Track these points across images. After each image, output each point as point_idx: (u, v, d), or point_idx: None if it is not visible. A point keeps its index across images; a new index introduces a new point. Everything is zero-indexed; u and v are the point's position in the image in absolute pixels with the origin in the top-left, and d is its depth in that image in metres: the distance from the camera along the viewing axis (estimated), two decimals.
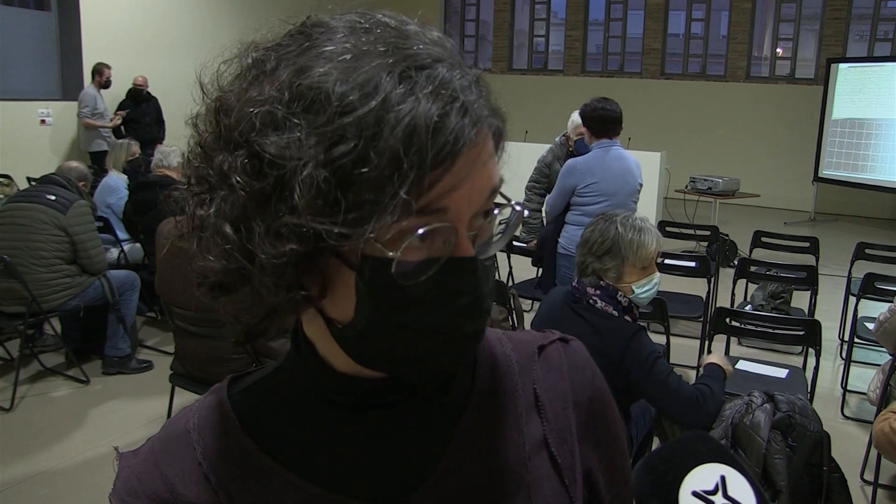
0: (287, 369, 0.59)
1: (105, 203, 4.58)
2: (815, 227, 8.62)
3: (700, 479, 0.49)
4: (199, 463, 0.56)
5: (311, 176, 0.43)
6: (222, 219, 0.47)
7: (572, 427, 0.61)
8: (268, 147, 0.44)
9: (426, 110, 0.43)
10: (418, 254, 0.47)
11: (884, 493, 2.85)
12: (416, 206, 0.44)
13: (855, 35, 9.78)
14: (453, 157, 0.44)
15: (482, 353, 0.62)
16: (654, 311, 3.02)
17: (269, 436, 0.56)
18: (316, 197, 0.43)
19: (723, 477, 0.49)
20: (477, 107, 0.47)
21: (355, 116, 0.43)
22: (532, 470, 0.58)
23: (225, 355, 2.64)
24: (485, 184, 0.48)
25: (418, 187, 0.43)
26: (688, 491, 0.49)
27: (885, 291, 3.63)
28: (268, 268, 0.46)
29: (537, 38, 11.85)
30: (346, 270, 0.47)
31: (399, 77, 0.44)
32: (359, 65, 0.44)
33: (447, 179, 0.45)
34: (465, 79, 0.47)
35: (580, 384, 0.63)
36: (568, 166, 3.51)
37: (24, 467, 2.89)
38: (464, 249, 0.48)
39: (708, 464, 0.50)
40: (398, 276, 0.46)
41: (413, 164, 0.43)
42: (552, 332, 0.66)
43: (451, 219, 0.47)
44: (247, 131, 0.45)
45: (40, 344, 4.05)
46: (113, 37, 7.60)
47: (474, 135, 0.46)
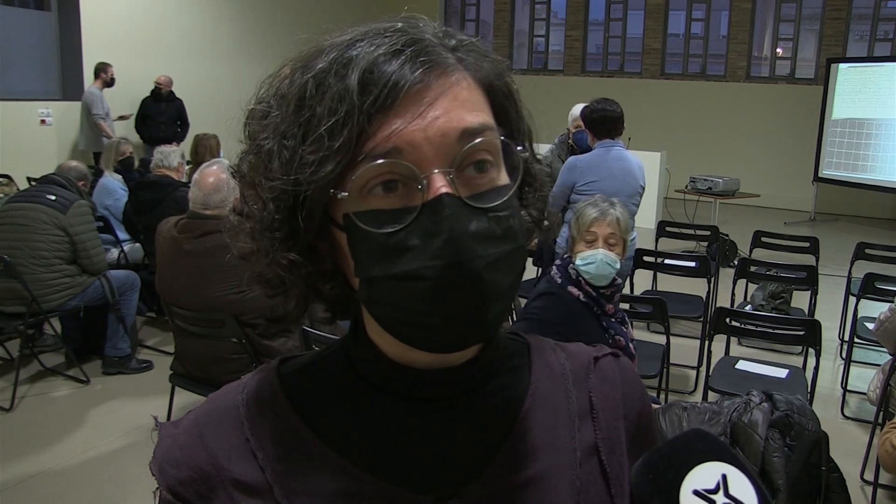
0: (341, 352, 0.60)
1: (102, 205, 4.56)
2: (815, 227, 8.61)
3: (701, 478, 0.49)
4: (246, 439, 0.55)
5: (277, 146, 0.50)
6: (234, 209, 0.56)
7: (622, 438, 0.61)
8: (253, 135, 0.53)
9: (365, 60, 0.48)
10: (387, 202, 0.49)
11: (884, 493, 2.85)
12: (357, 150, 0.47)
13: (855, 35, 9.77)
14: (393, 98, 0.47)
15: (536, 359, 0.63)
16: (654, 311, 3.02)
17: (319, 418, 0.56)
18: (279, 162, 0.50)
19: (724, 476, 0.49)
20: (436, 54, 0.49)
21: (300, 86, 0.50)
22: (582, 475, 0.58)
23: (225, 355, 2.64)
24: (445, 125, 0.48)
25: (362, 133, 0.48)
26: (689, 490, 0.49)
27: (885, 291, 3.63)
28: (259, 237, 0.53)
29: (537, 38, 11.84)
30: (342, 236, 0.52)
31: (345, 46, 0.50)
32: (316, 49, 0.51)
33: (393, 121, 0.48)
34: (434, 38, 0.51)
35: (631, 398, 0.63)
36: (569, 163, 3.51)
37: (24, 467, 2.89)
38: (434, 189, 0.48)
39: (709, 462, 0.50)
40: (361, 220, 0.49)
41: (351, 113, 0.47)
42: (603, 347, 0.67)
43: (412, 160, 0.48)
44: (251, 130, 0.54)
45: (40, 344, 4.05)
46: (113, 37, 7.59)
47: (418, 76, 0.48)
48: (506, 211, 0.51)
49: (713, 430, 1.91)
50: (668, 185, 8.09)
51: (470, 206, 0.49)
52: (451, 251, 0.47)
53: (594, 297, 2.13)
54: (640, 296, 3.62)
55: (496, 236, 0.50)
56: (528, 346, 0.64)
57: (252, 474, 0.54)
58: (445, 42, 0.52)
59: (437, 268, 0.47)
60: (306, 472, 0.54)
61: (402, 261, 0.48)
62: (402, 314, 0.50)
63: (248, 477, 0.54)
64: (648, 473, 0.51)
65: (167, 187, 4.16)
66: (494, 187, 0.51)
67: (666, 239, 4.96)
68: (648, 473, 0.51)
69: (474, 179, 0.50)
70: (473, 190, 0.50)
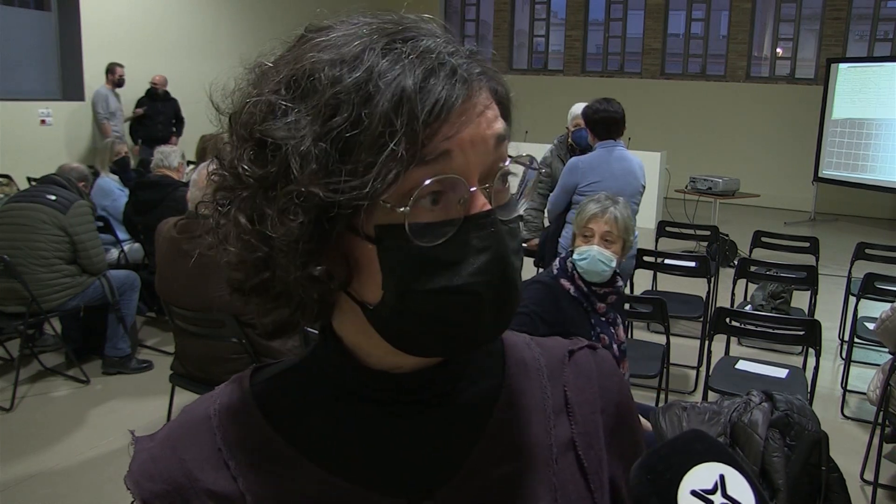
0: (312, 361, 0.59)
1: (101, 206, 4.55)
2: (815, 227, 8.61)
3: (699, 479, 0.49)
4: (218, 449, 0.55)
5: (309, 149, 0.46)
6: (238, 211, 0.50)
7: (600, 432, 0.61)
8: (268, 133, 0.47)
9: (412, 73, 0.46)
10: (432, 214, 0.48)
11: (884, 493, 2.85)
12: (413, 158, 0.45)
13: (855, 35, 9.77)
14: (447, 111, 0.46)
15: (511, 355, 0.62)
16: (654, 311, 3.02)
17: (291, 426, 0.56)
18: (315, 167, 0.45)
19: (722, 476, 0.49)
20: (467, 67, 0.49)
21: (344, 87, 0.46)
22: (558, 472, 0.58)
23: (225, 355, 2.64)
24: (486, 130, 0.49)
25: (413, 143, 0.45)
26: (687, 490, 0.49)
27: (885, 291, 3.63)
28: (282, 248, 0.48)
29: (537, 38, 11.85)
30: (367, 247, 0.49)
31: (383, 50, 0.47)
32: (346, 47, 0.48)
33: (444, 129, 0.47)
34: (452, 46, 0.50)
35: (608, 391, 0.63)
36: (570, 164, 3.51)
37: (24, 467, 2.89)
38: (479, 205, 0.48)
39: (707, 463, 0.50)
40: (413, 233, 0.47)
41: (404, 123, 0.45)
42: (580, 339, 0.66)
43: (458, 169, 0.48)
44: (250, 124, 0.49)
45: (40, 344, 4.05)
46: (113, 37, 7.60)
47: (465, 91, 0.48)
48: (518, 222, 0.53)
49: (713, 431, 1.91)
50: (668, 185, 8.09)
51: (504, 223, 0.50)
52: (500, 268, 0.49)
53: (585, 292, 2.14)
54: (640, 296, 3.62)
55: (519, 247, 0.52)
56: (502, 341, 0.64)
57: (225, 484, 0.54)
58: (463, 51, 0.52)
59: (488, 284, 0.48)
60: (279, 480, 0.54)
61: (447, 274, 0.48)
62: (436, 327, 0.49)
63: (221, 487, 0.54)
64: (647, 474, 0.51)
65: (167, 187, 4.16)
66: (511, 198, 0.53)
67: (666, 239, 4.96)
68: (647, 474, 0.51)
69: (500, 192, 0.51)
70: (499, 202, 0.51)
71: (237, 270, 0.52)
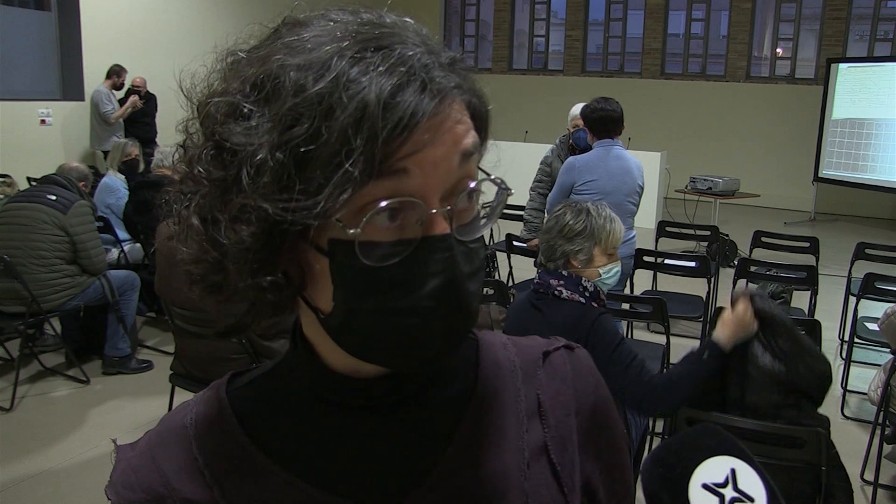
0: (285, 367, 0.59)
1: (104, 203, 4.58)
2: (815, 227, 8.61)
3: (710, 473, 0.49)
4: (195, 458, 0.56)
5: (264, 159, 0.44)
6: (193, 212, 0.49)
7: (574, 435, 0.60)
8: (227, 136, 0.46)
9: (378, 87, 0.44)
10: (388, 233, 0.46)
11: (884, 493, 2.85)
12: (367, 178, 0.44)
13: (855, 35, 9.77)
14: (410, 129, 0.44)
15: (485, 357, 0.62)
16: (654, 311, 3.01)
17: (266, 433, 0.56)
18: (268, 179, 0.44)
19: (733, 470, 0.49)
20: (439, 80, 0.47)
21: (306, 98, 0.44)
22: (531, 476, 0.57)
23: (225, 355, 2.64)
24: (451, 149, 0.47)
25: (370, 163, 0.43)
26: (698, 484, 0.49)
27: (885, 291, 3.63)
28: (232, 254, 0.47)
29: (537, 38, 11.84)
30: (321, 258, 0.48)
31: (352, 58, 0.45)
32: (316, 52, 0.46)
33: (405, 147, 0.45)
34: (428, 56, 0.47)
35: (584, 392, 0.62)
36: (567, 164, 3.52)
37: (24, 467, 2.89)
38: (436, 227, 0.47)
39: (718, 457, 0.50)
40: (363, 253, 0.45)
41: (363, 141, 0.43)
42: (557, 339, 0.65)
43: (417, 190, 0.46)
44: (211, 123, 0.47)
45: (40, 344, 4.05)
46: (113, 37, 7.60)
47: (433, 107, 0.46)
48: (481, 240, 0.52)
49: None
50: (668, 185, 8.09)
51: (463, 244, 0.49)
52: (451, 293, 0.47)
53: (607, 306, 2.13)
54: (640, 296, 3.61)
55: (478, 269, 0.51)
56: (478, 342, 0.63)
57: (201, 493, 0.54)
58: (441, 59, 0.49)
59: (436, 309, 0.47)
60: (252, 488, 0.54)
61: (397, 295, 0.47)
62: (382, 344, 0.49)
63: (198, 496, 0.54)
64: (658, 468, 0.51)
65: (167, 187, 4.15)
66: (475, 216, 0.51)
67: (666, 239, 4.96)
68: (658, 468, 0.51)
69: (464, 211, 0.50)
70: (460, 221, 0.49)
71: (195, 265, 0.50)
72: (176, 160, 0.52)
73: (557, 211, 2.12)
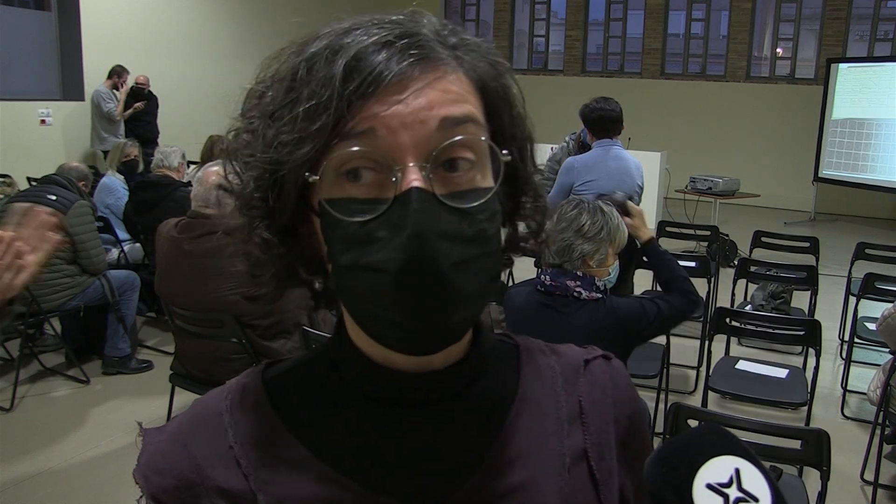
0: (324, 357, 0.59)
1: (104, 203, 4.58)
2: (815, 227, 8.61)
3: (714, 472, 0.49)
4: (230, 446, 0.55)
5: (263, 126, 0.51)
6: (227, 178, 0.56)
7: (612, 443, 0.60)
8: (249, 112, 0.53)
9: (354, 49, 0.48)
10: (360, 191, 0.49)
11: (884, 493, 2.84)
12: (331, 131, 0.48)
13: (855, 35, 9.77)
14: (375, 87, 0.47)
15: (525, 361, 0.62)
16: None
17: (302, 423, 0.56)
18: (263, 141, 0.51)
19: (737, 469, 0.49)
20: (427, 49, 0.49)
21: (296, 67, 0.50)
22: (570, 481, 0.57)
23: (225, 355, 2.64)
24: (424, 112, 0.48)
25: (340, 119, 0.48)
26: (702, 483, 0.49)
27: (885, 291, 3.63)
28: (242, 198, 0.53)
29: (537, 38, 11.84)
30: (317, 220, 0.52)
31: (341, 34, 0.50)
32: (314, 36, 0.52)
33: (372, 106, 0.47)
34: (430, 33, 0.51)
35: (622, 402, 0.62)
36: (566, 164, 3.52)
37: (24, 467, 2.89)
38: (407, 182, 0.47)
39: (722, 456, 0.50)
40: (335, 209, 0.49)
41: (332, 97, 0.47)
42: (594, 349, 0.66)
43: (385, 148, 0.48)
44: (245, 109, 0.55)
45: (40, 344, 4.05)
46: (113, 37, 7.59)
47: (405, 68, 0.48)
48: (482, 214, 0.50)
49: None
50: (668, 185, 8.08)
51: (442, 204, 0.48)
52: (414, 245, 0.46)
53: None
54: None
55: (466, 237, 0.48)
56: (518, 347, 0.63)
57: (236, 482, 0.54)
58: (444, 39, 0.52)
59: (398, 260, 0.46)
60: (289, 479, 0.54)
61: (368, 251, 0.48)
62: (365, 306, 0.50)
63: (232, 485, 0.54)
64: (662, 467, 0.51)
65: (167, 187, 4.16)
66: (475, 188, 0.50)
67: (666, 239, 4.95)
68: (662, 467, 0.51)
69: (453, 178, 0.49)
70: (450, 188, 0.49)
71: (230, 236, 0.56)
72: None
73: (569, 210, 2.09)
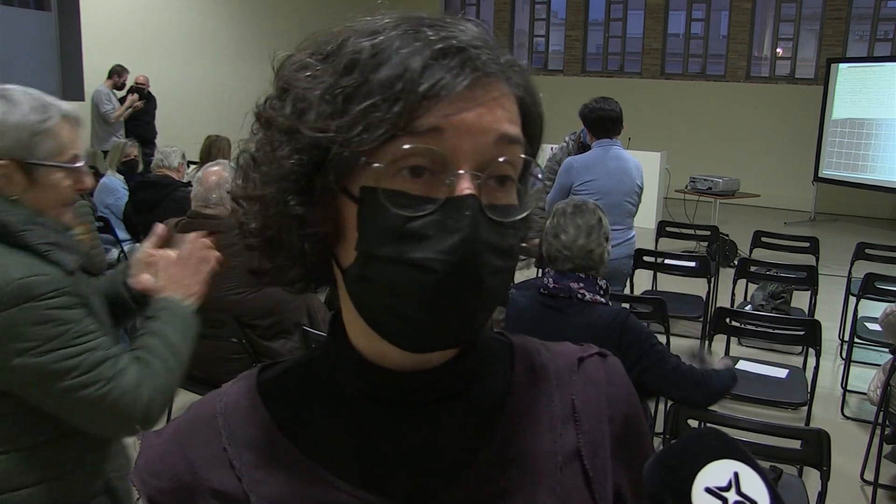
0: (320, 358, 0.59)
1: (103, 203, 4.57)
2: (815, 227, 8.61)
3: (713, 476, 0.49)
4: (224, 448, 0.56)
5: (316, 98, 0.50)
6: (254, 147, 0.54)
7: (606, 441, 0.60)
8: (291, 82, 0.52)
9: (424, 52, 0.49)
10: (415, 187, 0.49)
11: (884, 493, 2.85)
12: (405, 123, 0.48)
13: (855, 35, 9.78)
14: (448, 91, 0.48)
15: (519, 360, 0.62)
16: (654, 311, 3.02)
17: (296, 425, 0.56)
18: (317, 114, 0.50)
19: (736, 474, 0.49)
20: (486, 60, 0.50)
21: (362, 54, 0.50)
22: (563, 480, 0.57)
23: (225, 355, 2.64)
24: (488, 123, 0.50)
25: (406, 111, 0.48)
26: (701, 487, 0.49)
27: (885, 291, 3.64)
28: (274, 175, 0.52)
29: (537, 38, 11.85)
30: (351, 207, 0.51)
31: (408, 31, 0.51)
32: (376, 24, 0.52)
33: (442, 107, 0.48)
34: (484, 47, 0.51)
35: (617, 400, 0.62)
36: (566, 164, 3.53)
37: None
38: (461, 188, 0.48)
39: (721, 460, 0.50)
40: (388, 198, 0.48)
41: (402, 90, 0.48)
42: (590, 346, 0.65)
43: (448, 149, 0.48)
44: (283, 76, 0.53)
45: None
46: (113, 37, 7.60)
47: (470, 81, 0.49)
48: (514, 229, 0.52)
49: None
50: (668, 185, 8.09)
51: (486, 216, 0.49)
52: (464, 251, 0.48)
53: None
54: (640, 296, 3.62)
55: (503, 250, 0.51)
56: (512, 346, 0.64)
57: (230, 483, 0.54)
58: (497, 54, 0.52)
59: (448, 263, 0.47)
60: (282, 480, 0.54)
61: (414, 247, 0.48)
62: (393, 301, 0.49)
63: (226, 486, 0.54)
64: (661, 470, 0.51)
65: (167, 187, 4.16)
66: (511, 204, 0.52)
67: (666, 239, 4.96)
68: (661, 470, 0.51)
69: (496, 192, 0.51)
70: (492, 201, 0.51)
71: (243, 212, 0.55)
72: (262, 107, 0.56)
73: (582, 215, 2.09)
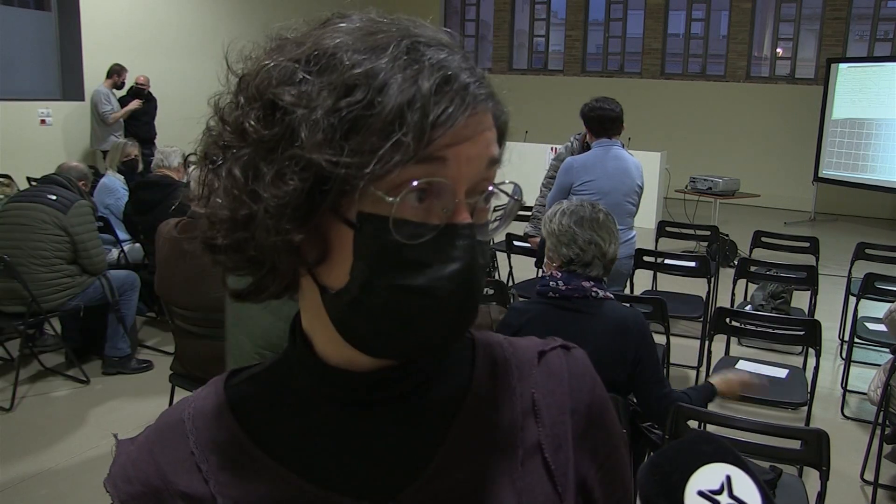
0: (284, 363, 0.60)
1: (104, 204, 4.58)
2: (815, 227, 8.62)
3: (706, 479, 0.50)
4: (191, 452, 0.57)
5: (319, 120, 0.47)
6: (234, 165, 0.50)
7: (569, 434, 0.60)
8: (280, 96, 0.48)
9: (430, 77, 0.48)
10: (415, 214, 0.49)
11: (884, 493, 2.85)
12: (416, 153, 0.46)
13: (855, 35, 9.78)
14: (453, 121, 0.48)
15: (481, 355, 0.62)
16: (654, 311, 3.02)
17: (262, 428, 0.57)
18: (320, 138, 0.47)
19: (728, 477, 0.49)
20: (477, 86, 0.50)
21: (363, 71, 0.47)
22: (525, 475, 0.58)
23: (224, 355, 2.64)
24: (483, 150, 0.51)
25: (419, 139, 0.46)
26: (693, 491, 0.49)
27: (885, 291, 3.64)
28: (270, 209, 0.48)
29: (537, 38, 11.85)
30: (345, 232, 0.49)
31: (406, 48, 0.49)
32: (371, 36, 0.49)
33: (448, 136, 0.48)
34: (466, 64, 0.51)
35: (580, 392, 0.62)
36: (566, 164, 3.52)
37: (24, 467, 2.89)
38: (461, 215, 0.50)
39: (713, 464, 0.50)
40: (395, 227, 0.47)
41: (415, 118, 0.46)
42: (554, 339, 0.65)
43: (450, 176, 0.49)
44: (264, 86, 0.49)
45: (40, 344, 4.05)
46: (113, 37, 7.60)
47: (472, 107, 0.49)
48: (488, 245, 0.55)
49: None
50: (668, 185, 8.09)
51: (478, 241, 0.52)
52: (465, 279, 0.50)
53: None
54: (640, 296, 3.62)
55: (485, 267, 0.54)
56: (474, 342, 0.64)
57: (197, 487, 0.56)
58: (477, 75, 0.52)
59: (449, 290, 0.49)
60: (247, 482, 0.55)
61: (416, 275, 0.48)
62: (390, 325, 0.50)
63: (194, 489, 0.56)
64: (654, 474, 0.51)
65: (167, 187, 4.16)
66: (488, 220, 0.55)
67: (666, 239, 4.96)
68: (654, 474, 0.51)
69: (481, 211, 0.53)
70: (478, 220, 0.52)
71: (214, 228, 0.52)
72: (204, 133, 0.54)
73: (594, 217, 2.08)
